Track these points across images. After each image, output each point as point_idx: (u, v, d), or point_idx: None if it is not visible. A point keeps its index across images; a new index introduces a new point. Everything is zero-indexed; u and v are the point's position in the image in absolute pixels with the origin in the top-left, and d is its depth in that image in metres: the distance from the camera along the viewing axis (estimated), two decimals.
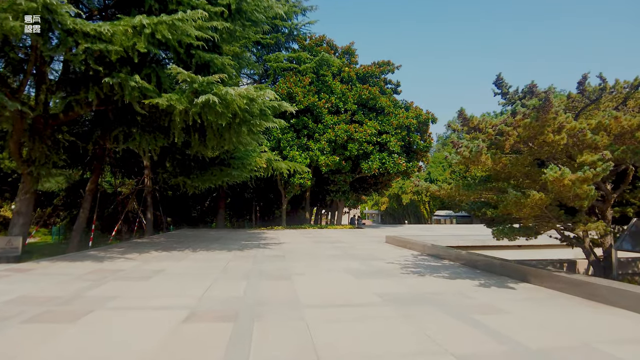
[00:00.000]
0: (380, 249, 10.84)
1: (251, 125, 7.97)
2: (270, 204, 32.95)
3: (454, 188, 6.01)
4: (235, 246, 11.47)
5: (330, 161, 20.79)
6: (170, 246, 11.37)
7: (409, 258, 8.80)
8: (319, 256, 9.04)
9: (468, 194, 5.87)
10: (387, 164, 21.42)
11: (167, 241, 13.31)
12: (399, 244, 12.15)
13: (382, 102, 22.37)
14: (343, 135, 20.68)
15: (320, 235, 17.02)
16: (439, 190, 6.26)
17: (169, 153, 11.09)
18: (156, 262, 7.83)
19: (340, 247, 11.40)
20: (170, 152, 11.07)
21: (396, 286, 5.49)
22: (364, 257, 8.81)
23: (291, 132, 21.35)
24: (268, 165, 17.76)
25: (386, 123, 22.05)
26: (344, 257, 8.92)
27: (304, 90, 21.35)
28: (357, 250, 10.54)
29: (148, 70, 7.46)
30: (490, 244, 13.25)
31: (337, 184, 23.26)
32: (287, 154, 20.70)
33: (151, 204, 24.52)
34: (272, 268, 7.13)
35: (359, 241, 13.72)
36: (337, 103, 22.24)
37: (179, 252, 9.70)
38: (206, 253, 9.61)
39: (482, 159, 4.75)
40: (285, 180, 22.03)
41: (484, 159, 4.78)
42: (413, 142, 22.92)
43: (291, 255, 9.27)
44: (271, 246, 11.56)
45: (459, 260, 8.14)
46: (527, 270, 6.05)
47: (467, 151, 4.73)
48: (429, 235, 17.00)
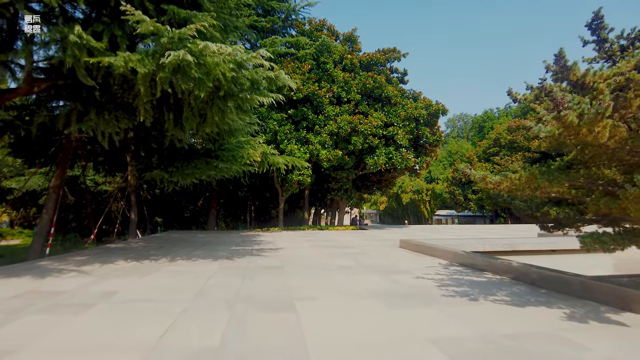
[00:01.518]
0: (398, 257, 9.09)
1: (240, 100, 6.16)
2: (266, 204, 31.12)
3: (524, 178, 4.26)
4: (224, 253, 9.67)
5: (332, 156, 19.02)
6: (145, 253, 9.55)
7: (439, 270, 7.05)
8: (326, 268, 7.27)
9: (547, 186, 4.12)
10: (395, 159, 19.68)
11: (145, 246, 11.49)
12: (417, 249, 10.41)
13: (389, 91, 20.63)
14: (346, 127, 18.91)
15: (322, 238, 15.25)
16: (500, 183, 4.51)
17: (142, 141, 9.28)
18: (114, 279, 6.02)
19: (349, 253, 9.63)
20: (143, 140, 9.26)
21: (450, 322, 3.74)
22: (385, 269, 7.05)
23: (289, 124, 19.55)
24: (263, 159, 15.94)
25: (393, 114, 20.31)
26: (359, 269, 7.15)
27: (303, 78, 19.56)
28: (371, 258, 8.78)
29: (100, 26, 5.64)
30: (521, 249, 11.56)
31: (339, 182, 21.49)
32: (284, 148, 18.90)
33: (135, 204, 22.64)
34: (268, 288, 5.35)
35: (368, 245, 11.96)
36: (339, 92, 20.46)
37: (151, 262, 7.89)
38: (185, 263, 7.81)
39: (598, 129, 3.00)
40: (283, 177, 20.24)
41: (600, 128, 3.03)
42: (422, 136, 21.19)
43: (291, 266, 7.49)
44: (266, 252, 9.78)
45: (507, 274, 6.39)
46: (627, 294, 4.31)
47: (576, 114, 2.98)
48: (442, 237, 15.28)
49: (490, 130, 73.52)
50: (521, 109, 74.46)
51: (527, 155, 46.13)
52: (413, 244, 10.79)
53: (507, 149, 53.20)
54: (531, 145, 47.56)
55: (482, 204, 54.58)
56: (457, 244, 11.08)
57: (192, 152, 10.02)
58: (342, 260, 8.25)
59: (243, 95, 6.04)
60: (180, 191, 30.21)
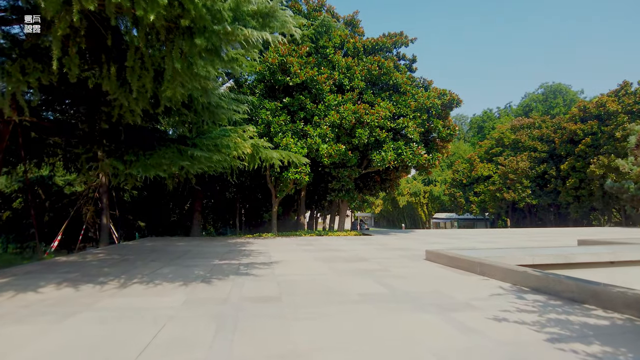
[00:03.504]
0: (435, 276, 6.88)
1: (214, 38, 3.90)
2: (258, 206, 28.72)
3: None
4: (201, 270, 7.37)
5: (334, 151, 16.78)
6: (94, 272, 7.20)
7: (514, 301, 4.84)
8: (344, 298, 5.02)
9: None
10: (404, 155, 17.52)
11: (103, 260, 9.12)
12: (452, 263, 8.22)
13: (397, 78, 18.49)
14: (350, 117, 16.70)
15: (323, 246, 12.97)
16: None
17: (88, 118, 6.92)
18: (8, 327, 3.69)
19: (366, 270, 7.39)
20: (89, 115, 6.92)
21: None
22: (434, 301, 4.82)
23: (284, 115, 17.28)
24: (254, 153, 13.63)
25: (402, 104, 18.17)
26: (394, 300, 4.91)
27: (300, 61, 17.33)
28: (400, 278, 6.54)
29: None
30: (576, 261, 9.45)
31: (341, 181, 19.26)
32: (279, 142, 16.62)
33: (107, 206, 20.17)
34: (259, 356, 3.08)
35: (384, 257, 9.73)
36: (341, 79, 18.28)
37: (92, 289, 5.56)
38: (140, 291, 5.50)
39: None
40: (277, 175, 17.95)
41: None
42: (433, 129, 19.07)
43: (293, 295, 5.22)
44: (258, 270, 7.49)
45: (627, 310, 4.21)
46: None
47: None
48: (469, 246, 13.11)
49: (490, 130, 72.09)
50: (522, 107, 73.20)
51: (533, 156, 44.49)
52: (446, 256, 8.59)
53: (510, 148, 51.53)
54: (536, 145, 45.99)
55: (485, 206, 52.83)
56: (497, 255, 8.93)
57: (159, 137, 7.74)
58: (363, 283, 6.00)
59: (219, 28, 3.79)
60: (167, 192, 27.68)
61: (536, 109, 66.42)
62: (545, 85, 68.51)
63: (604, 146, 33.17)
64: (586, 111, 38.29)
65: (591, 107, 37.51)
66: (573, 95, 65.59)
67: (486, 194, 49.92)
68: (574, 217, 41.84)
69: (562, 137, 40.41)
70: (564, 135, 39.90)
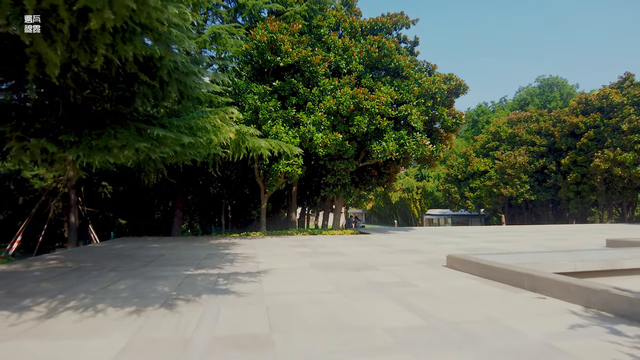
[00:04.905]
0: (476, 294, 5.37)
1: None
2: (245, 203, 26.95)
3: None
4: (167, 285, 5.72)
5: (330, 140, 15.17)
6: (26, 289, 5.49)
7: (608, 337, 3.34)
8: (366, 340, 3.46)
9: None
10: (408, 146, 16.01)
11: (50, 269, 7.39)
12: (485, 273, 6.74)
13: (400, 60, 16.92)
14: (348, 102, 15.08)
15: (320, 248, 11.38)
16: None
17: None
18: None
19: (382, 285, 5.84)
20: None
21: None
22: (498, 343, 3.29)
23: (274, 100, 15.57)
24: (239, 142, 11.93)
25: (405, 90, 16.62)
26: (441, 341, 3.36)
27: (292, 40, 15.61)
28: (430, 298, 5.00)
29: None
30: (623, 267, 8.06)
31: (336, 175, 17.67)
32: (267, 130, 14.93)
33: (76, 203, 18.23)
34: None
35: (398, 265, 8.20)
36: (338, 61, 16.63)
37: (0, 321, 3.89)
38: (70, 324, 3.85)
39: None
40: (265, 168, 16.28)
41: None
42: (437, 117, 17.58)
43: (290, 332, 3.64)
44: (241, 285, 5.88)
45: None
46: None
47: None
48: (478, 247, 11.64)
49: (485, 124, 71.17)
50: (518, 101, 72.51)
51: (532, 150, 43.56)
52: (476, 264, 7.09)
53: (507, 143, 50.54)
54: (535, 139, 45.05)
55: (481, 202, 51.89)
56: (531, 260, 7.51)
57: (115, 115, 6.03)
58: (385, 308, 4.45)
59: None
60: (151, 188, 25.65)
61: (532, 102, 65.69)
62: (541, 79, 67.80)
63: (609, 139, 32.25)
64: (588, 103, 37.38)
65: (593, 99, 36.60)
66: (570, 89, 65.02)
67: (482, 189, 48.89)
68: (574, 213, 41.08)
69: (562, 130, 39.47)
70: (565, 129, 38.96)
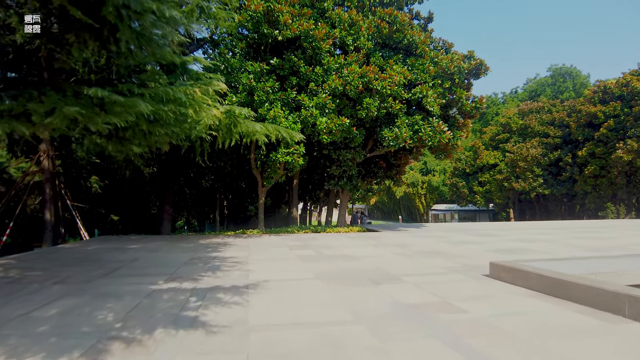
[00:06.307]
0: (553, 328, 3.68)
1: None
2: (241, 197, 25.20)
3: None
4: (112, 312, 4.05)
5: (335, 125, 13.43)
6: None
7: None
8: None
9: None
10: (423, 133, 14.26)
11: None
12: (552, 290, 5.05)
13: (414, 36, 15.13)
14: (357, 82, 13.32)
15: (327, 250, 9.68)
16: None
17: None
18: None
19: (421, 309, 4.17)
20: None
21: None
22: None
23: (271, 80, 13.80)
24: (230, 125, 10.17)
25: (419, 69, 14.83)
26: None
27: (292, 11, 13.82)
28: (498, 339, 3.32)
29: None
30: None
31: (342, 166, 15.95)
32: (264, 114, 13.20)
33: (51, 198, 16.56)
34: None
35: (427, 275, 6.51)
36: (344, 37, 14.84)
37: None
38: None
39: None
40: (263, 158, 14.57)
41: None
42: (456, 101, 15.81)
43: None
44: (218, 309, 4.21)
45: None
46: None
47: None
48: (507, 247, 9.84)
49: (494, 116, 69.08)
50: (529, 92, 70.33)
51: (545, 142, 41.70)
52: (536, 275, 5.37)
53: (518, 134, 48.59)
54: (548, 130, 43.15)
55: (491, 196, 50.08)
56: (605, 269, 5.85)
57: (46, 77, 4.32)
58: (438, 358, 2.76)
59: None
60: (146, 182, 23.90)
61: (544, 93, 63.55)
62: (554, 68, 65.51)
63: (631, 129, 30.42)
64: (606, 92, 35.46)
65: (612, 87, 34.69)
66: (583, 79, 62.80)
67: (492, 183, 47.08)
68: (590, 207, 39.29)
69: (578, 120, 37.56)
70: (581, 119, 37.06)
